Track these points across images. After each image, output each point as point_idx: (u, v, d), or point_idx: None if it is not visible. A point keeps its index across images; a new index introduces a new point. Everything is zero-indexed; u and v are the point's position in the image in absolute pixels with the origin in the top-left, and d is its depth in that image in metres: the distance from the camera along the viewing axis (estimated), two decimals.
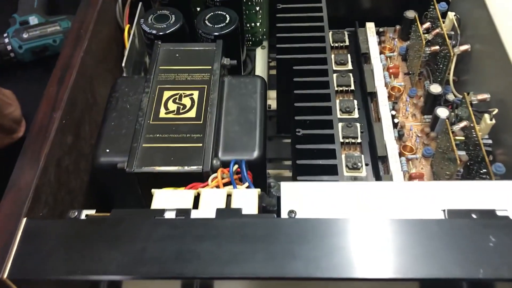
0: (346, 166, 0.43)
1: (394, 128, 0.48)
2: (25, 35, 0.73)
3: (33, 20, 0.75)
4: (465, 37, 0.48)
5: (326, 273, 0.28)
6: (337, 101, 0.48)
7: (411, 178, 0.45)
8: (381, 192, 0.33)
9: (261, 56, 0.57)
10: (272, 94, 0.55)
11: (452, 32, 0.49)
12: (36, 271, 0.29)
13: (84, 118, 0.40)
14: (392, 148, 0.46)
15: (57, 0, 0.83)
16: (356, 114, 0.48)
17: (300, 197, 0.32)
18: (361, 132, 0.46)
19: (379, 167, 0.46)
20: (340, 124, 0.45)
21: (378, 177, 0.46)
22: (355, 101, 0.48)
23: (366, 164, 0.47)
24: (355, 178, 0.43)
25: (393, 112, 0.49)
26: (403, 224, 0.29)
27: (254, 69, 0.55)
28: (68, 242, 0.30)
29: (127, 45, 0.48)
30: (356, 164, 0.43)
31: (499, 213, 0.31)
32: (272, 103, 0.55)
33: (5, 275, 0.29)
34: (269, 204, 0.34)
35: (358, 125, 0.46)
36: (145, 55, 0.51)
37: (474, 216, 0.31)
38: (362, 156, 0.44)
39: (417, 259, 0.28)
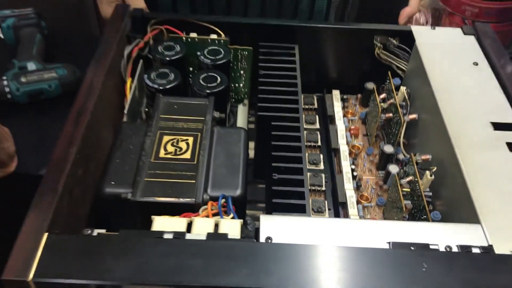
0: (312, 209, 0.51)
1: (353, 180, 0.57)
2: (23, 79, 0.79)
3: (31, 66, 0.82)
4: (413, 108, 0.58)
5: (295, 287, 0.35)
6: (306, 154, 0.56)
7: None
8: (340, 227, 0.40)
9: (242, 111, 0.65)
10: (251, 144, 0.63)
11: (404, 103, 0.59)
12: (55, 275, 0.35)
13: (92, 155, 0.47)
14: (350, 196, 0.54)
15: (54, 50, 0.90)
16: (321, 166, 0.56)
17: (275, 227, 0.40)
18: (326, 182, 0.54)
19: (339, 212, 0.54)
20: (308, 174, 0.53)
21: None
22: (321, 155, 0.57)
23: (329, 209, 0.54)
24: None
25: (353, 167, 0.58)
26: (357, 251, 0.37)
27: (236, 122, 0.63)
28: (83, 253, 0.36)
29: (129, 96, 0.55)
30: (320, 208, 0.51)
31: (431, 247, 0.39)
32: (250, 152, 0.63)
33: (30, 277, 0.34)
34: (247, 236, 0.41)
35: (323, 175, 0.54)
36: (142, 104, 0.59)
37: (412, 248, 0.38)
38: (326, 201, 0.52)
39: (366, 279, 0.35)
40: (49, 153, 0.43)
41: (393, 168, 0.55)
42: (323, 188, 0.54)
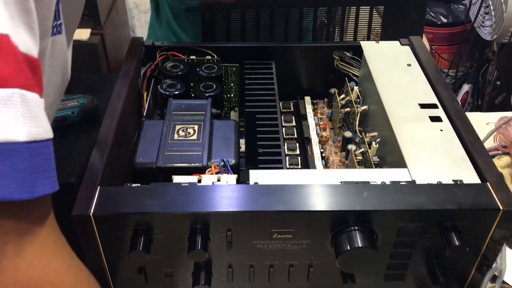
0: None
1: (322, 159, 0.73)
2: None
3: None
4: (365, 102, 0.75)
5: (276, 208, 0.50)
6: (285, 144, 0.73)
7: None
8: (308, 174, 0.56)
9: (233, 117, 0.82)
10: (242, 141, 0.79)
11: (358, 100, 0.76)
12: (109, 210, 0.50)
13: (123, 141, 0.63)
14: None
15: (74, 83, 1.07)
16: (297, 151, 0.73)
17: (260, 177, 0.55)
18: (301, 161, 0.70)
19: None
20: (287, 158, 0.70)
21: None
22: (297, 144, 0.73)
23: None
24: None
25: (322, 150, 0.75)
26: (318, 187, 0.52)
27: None
28: (126, 196, 0.51)
29: (145, 104, 0.72)
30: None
31: (371, 183, 0.54)
32: (242, 147, 0.79)
33: (91, 212, 0.49)
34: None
35: (299, 157, 0.71)
36: (155, 111, 0.76)
37: (357, 184, 0.54)
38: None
39: (323, 201, 0.51)
40: (74, 166, 0.57)
41: (351, 147, 0.71)
42: (299, 167, 0.70)
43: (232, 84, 0.81)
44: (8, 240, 0.36)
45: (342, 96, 0.78)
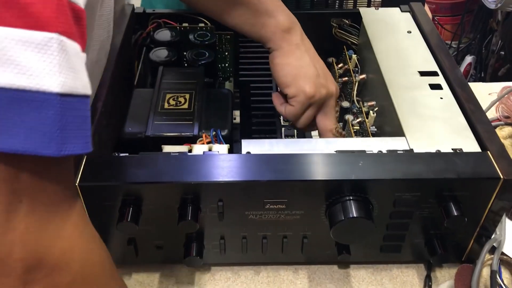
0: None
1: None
2: None
3: None
4: (363, 71, 0.73)
5: (268, 177, 0.48)
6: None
7: None
8: (302, 144, 0.54)
9: (228, 86, 0.79)
10: (236, 112, 0.77)
11: (356, 69, 0.74)
12: (95, 180, 0.48)
13: (113, 111, 0.61)
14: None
15: None
16: None
17: (252, 147, 0.54)
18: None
19: None
20: (283, 129, 0.68)
21: None
22: None
23: None
24: None
25: None
26: (311, 156, 0.51)
27: None
28: (112, 167, 0.50)
29: (137, 72, 0.70)
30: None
31: (367, 152, 0.53)
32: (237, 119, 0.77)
33: (77, 182, 0.48)
34: None
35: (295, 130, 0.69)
36: (147, 79, 0.73)
37: (353, 152, 0.52)
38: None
39: (317, 170, 0.49)
40: None
41: (349, 117, 0.69)
42: (295, 138, 0.68)
43: (226, 53, 0.78)
44: (22, 199, 0.34)
45: (340, 65, 0.76)
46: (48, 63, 0.32)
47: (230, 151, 0.56)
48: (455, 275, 0.54)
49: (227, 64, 0.79)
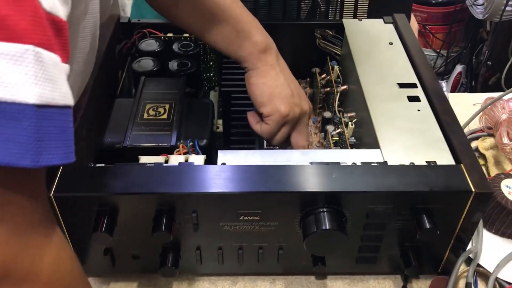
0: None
1: None
2: None
3: None
4: (345, 82, 0.73)
5: (241, 189, 0.48)
6: None
7: None
8: (276, 155, 0.55)
9: (213, 96, 0.80)
10: (220, 121, 0.77)
11: (339, 79, 0.74)
12: (69, 191, 0.49)
13: (93, 121, 0.61)
14: None
15: None
16: None
17: (229, 157, 0.54)
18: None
19: None
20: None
21: None
22: None
23: None
24: None
25: None
26: (285, 167, 0.51)
27: None
28: (87, 177, 0.50)
29: (120, 82, 0.71)
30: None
31: (342, 164, 0.53)
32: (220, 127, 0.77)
33: (52, 193, 0.48)
34: None
35: None
36: (130, 89, 0.74)
37: (327, 164, 0.53)
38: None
39: (290, 182, 0.49)
40: None
41: (330, 128, 0.69)
42: (277, 147, 0.68)
43: (211, 63, 0.79)
44: None
45: (323, 75, 0.76)
46: (23, 75, 0.32)
47: (209, 161, 0.56)
48: (429, 287, 0.54)
49: (211, 74, 0.80)
